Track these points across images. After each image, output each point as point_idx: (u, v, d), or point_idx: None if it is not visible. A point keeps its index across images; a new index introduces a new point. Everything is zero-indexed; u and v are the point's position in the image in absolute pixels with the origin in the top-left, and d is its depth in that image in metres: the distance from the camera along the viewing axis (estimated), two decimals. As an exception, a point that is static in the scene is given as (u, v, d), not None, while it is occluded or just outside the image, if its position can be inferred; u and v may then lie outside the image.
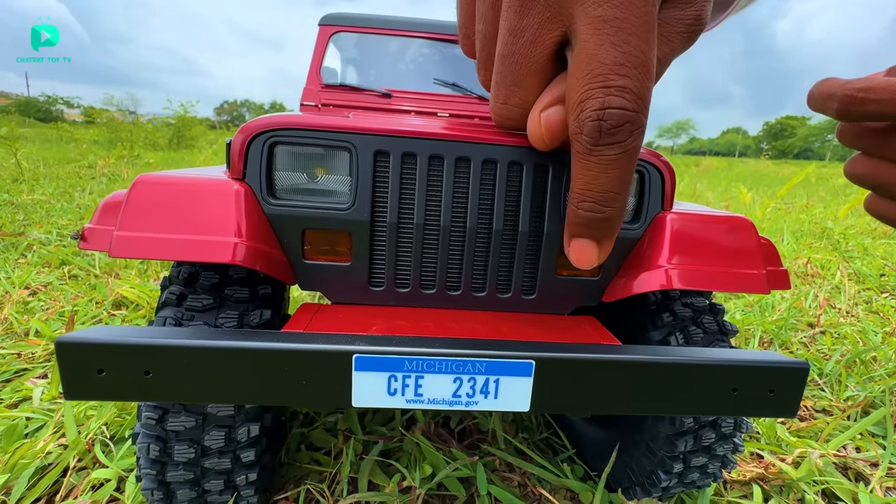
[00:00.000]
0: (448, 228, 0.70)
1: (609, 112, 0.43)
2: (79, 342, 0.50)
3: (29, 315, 1.60)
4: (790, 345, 1.75)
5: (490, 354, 0.56)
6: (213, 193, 0.65)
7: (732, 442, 0.84)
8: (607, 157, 0.46)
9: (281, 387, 0.54)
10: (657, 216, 0.73)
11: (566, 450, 1.08)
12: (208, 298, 0.71)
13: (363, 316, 0.71)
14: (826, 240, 3.64)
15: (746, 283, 0.69)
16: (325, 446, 1.02)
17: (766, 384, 0.59)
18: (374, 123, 0.68)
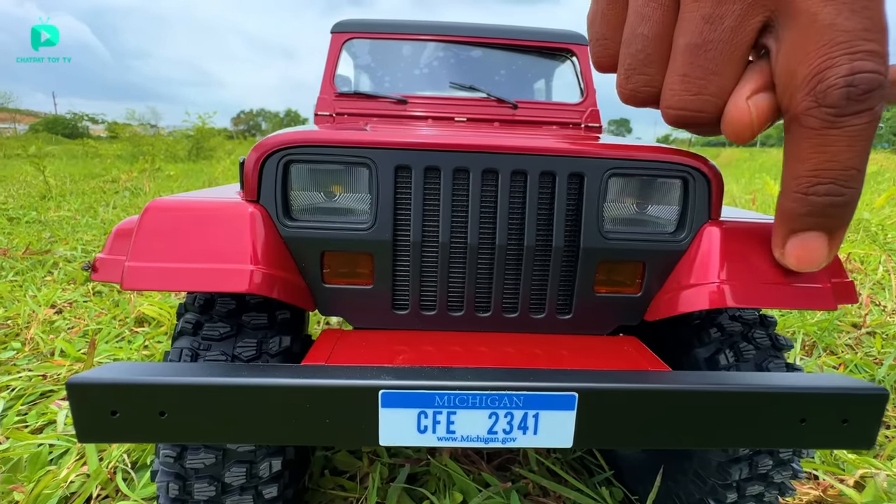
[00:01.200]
0: (476, 246, 0.65)
1: (859, 77, 0.41)
2: (91, 383, 0.47)
3: (54, 334, 1.61)
4: (835, 348, 1.65)
5: (528, 387, 0.51)
6: (226, 218, 0.61)
7: (791, 468, 0.77)
8: (855, 126, 0.43)
9: (303, 425, 0.50)
10: (704, 226, 0.67)
11: (602, 471, 1.01)
12: (225, 326, 0.68)
13: (388, 342, 0.67)
14: (863, 232, 3.46)
15: (809, 299, 0.62)
16: (349, 470, 0.99)
17: (839, 413, 0.52)
18: (393, 136, 0.64)
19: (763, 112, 0.48)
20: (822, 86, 0.42)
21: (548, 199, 0.65)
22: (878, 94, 0.42)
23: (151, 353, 1.48)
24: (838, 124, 0.43)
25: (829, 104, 0.42)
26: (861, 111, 0.42)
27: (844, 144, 0.44)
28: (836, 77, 0.41)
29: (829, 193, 0.46)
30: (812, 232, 0.49)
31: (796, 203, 0.48)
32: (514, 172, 0.64)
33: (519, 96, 1.56)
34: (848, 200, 0.47)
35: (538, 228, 0.65)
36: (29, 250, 2.58)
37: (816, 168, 0.45)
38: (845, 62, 0.41)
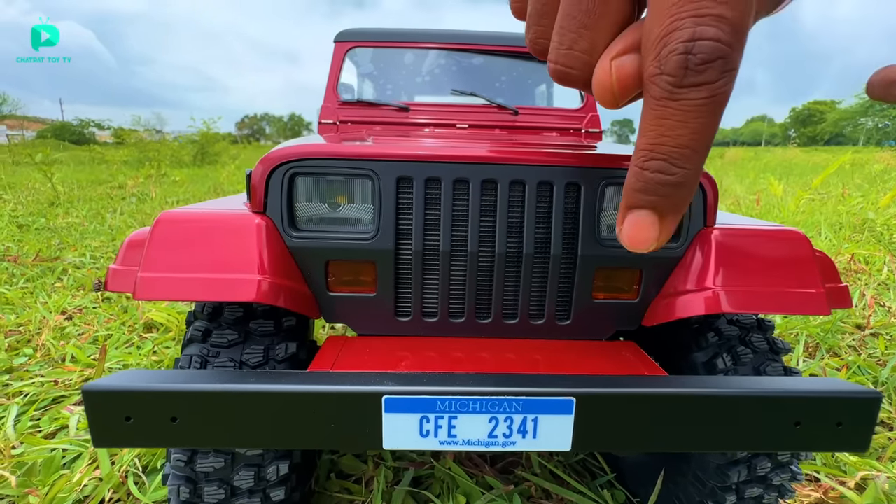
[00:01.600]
0: (476, 254, 0.67)
1: (700, 45, 0.36)
2: (105, 390, 0.49)
3: (65, 340, 1.64)
4: (839, 350, 1.65)
5: (527, 392, 0.52)
6: (234, 229, 0.64)
7: (790, 470, 0.78)
8: (691, 101, 0.39)
9: (309, 430, 0.51)
10: (700, 232, 0.68)
11: (604, 473, 1.02)
12: (233, 333, 0.70)
13: (391, 348, 0.69)
14: (868, 232, 3.45)
15: (803, 305, 0.64)
16: (355, 473, 1.00)
17: (834, 417, 0.53)
18: (394, 148, 0.66)
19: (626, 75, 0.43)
20: (666, 50, 0.38)
21: (546, 208, 0.66)
22: (719, 66, 0.37)
23: (160, 359, 1.50)
24: (675, 96, 0.39)
25: (668, 72, 0.38)
26: (699, 84, 0.38)
27: (678, 119, 0.40)
28: (678, 42, 0.37)
29: (659, 171, 0.42)
30: (643, 210, 0.44)
31: (632, 178, 0.44)
32: (513, 182, 0.65)
33: (520, 102, 1.58)
34: (679, 181, 0.43)
35: (536, 237, 0.67)
36: (39, 257, 2.62)
37: (651, 142, 0.42)
38: (689, 25, 0.36)
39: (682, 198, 0.45)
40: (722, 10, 0.36)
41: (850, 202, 4.60)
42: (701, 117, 0.40)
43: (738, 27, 0.37)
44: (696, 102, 0.39)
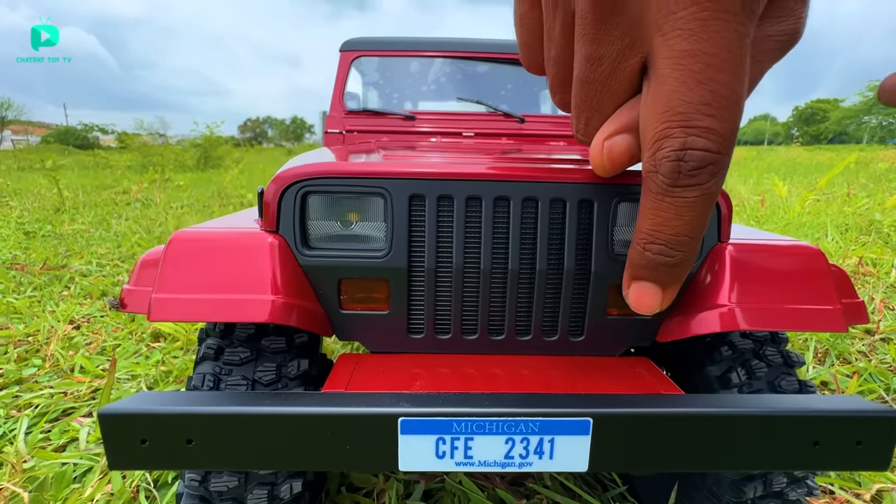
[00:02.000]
0: (489, 271, 0.66)
1: (690, 153, 0.40)
2: (121, 413, 0.50)
3: (73, 350, 1.65)
4: (849, 356, 1.63)
5: (543, 413, 0.52)
6: (247, 249, 0.64)
7: (806, 485, 0.77)
8: (684, 199, 0.43)
9: (324, 452, 0.51)
10: (714, 248, 0.68)
11: (615, 485, 1.02)
12: (245, 351, 0.70)
13: (404, 366, 0.68)
14: (875, 234, 3.42)
15: (820, 321, 0.63)
16: (365, 486, 1.00)
17: (853, 436, 0.53)
18: (407, 166, 0.65)
19: (615, 156, 0.49)
20: (659, 154, 0.42)
21: (559, 225, 0.66)
22: (709, 171, 0.41)
23: (169, 369, 1.50)
24: (670, 194, 0.43)
25: (663, 173, 0.42)
26: (691, 185, 0.42)
27: (673, 213, 0.44)
28: (670, 150, 0.41)
29: (660, 254, 0.47)
30: (647, 282, 0.51)
31: (636, 255, 0.49)
32: (526, 199, 0.65)
33: (525, 110, 1.58)
34: (678, 262, 0.48)
35: (550, 253, 0.67)
36: (46, 265, 2.64)
37: (651, 229, 0.46)
38: (680, 135, 0.40)
39: (680, 274, 0.50)
40: (709, 122, 0.39)
41: (856, 203, 4.57)
42: (693, 212, 0.44)
43: (727, 136, 0.40)
44: (688, 200, 0.43)
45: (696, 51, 0.38)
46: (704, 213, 0.45)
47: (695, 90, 0.38)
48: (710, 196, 0.43)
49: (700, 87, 0.38)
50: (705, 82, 0.38)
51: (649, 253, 0.48)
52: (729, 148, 0.41)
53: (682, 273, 0.50)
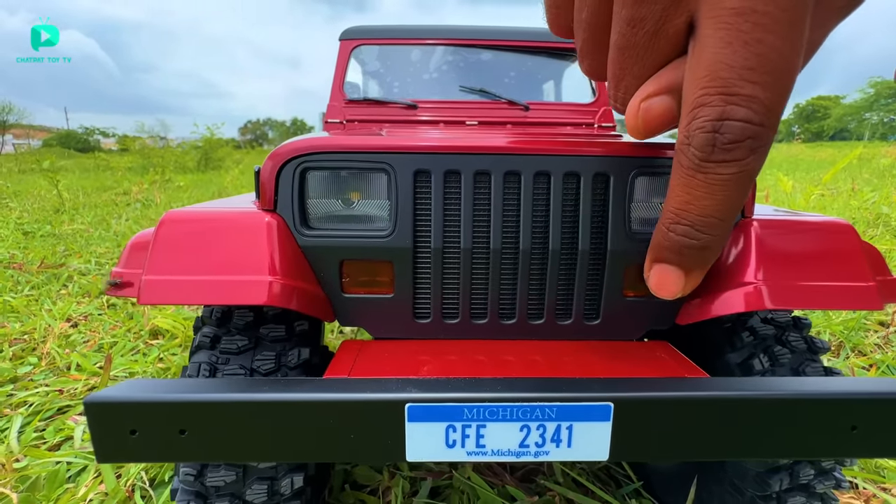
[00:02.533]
0: (499, 251, 0.63)
1: (728, 125, 0.36)
2: (108, 402, 0.46)
3: (70, 348, 1.61)
4: (864, 348, 1.59)
5: (561, 398, 0.48)
6: (243, 228, 0.60)
7: (834, 477, 0.73)
8: (718, 176, 0.38)
9: (327, 442, 0.48)
10: (737, 224, 0.64)
11: (630, 481, 0.98)
12: (243, 339, 0.67)
13: (410, 353, 0.65)
14: (883, 227, 3.38)
15: (854, 299, 0.59)
16: (370, 484, 0.96)
17: (894, 420, 0.49)
18: (411, 140, 0.62)
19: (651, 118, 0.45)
20: (694, 124, 0.37)
21: (572, 201, 0.62)
22: (748, 145, 0.37)
23: (167, 366, 1.47)
24: (702, 169, 0.39)
25: (696, 146, 0.38)
26: (726, 160, 0.37)
27: (704, 191, 0.40)
28: (705, 119, 0.37)
29: (685, 235, 0.44)
30: (670, 265, 0.47)
31: (660, 235, 0.46)
32: (538, 174, 0.61)
33: (530, 98, 1.55)
34: (704, 245, 0.44)
35: (563, 231, 0.63)
36: (44, 264, 2.61)
37: (678, 207, 0.42)
38: (718, 104, 0.36)
39: (706, 258, 0.46)
40: (753, 90, 0.34)
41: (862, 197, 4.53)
42: (726, 191, 0.39)
43: (773, 107, 0.35)
44: (722, 177, 0.38)
45: (745, 8, 0.33)
46: (739, 194, 0.40)
47: (740, 52, 0.34)
48: (748, 174, 0.39)
49: (746, 48, 0.34)
50: (752, 44, 0.34)
51: (673, 234, 0.44)
52: (774, 121, 0.36)
53: (709, 257, 0.46)
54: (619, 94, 0.47)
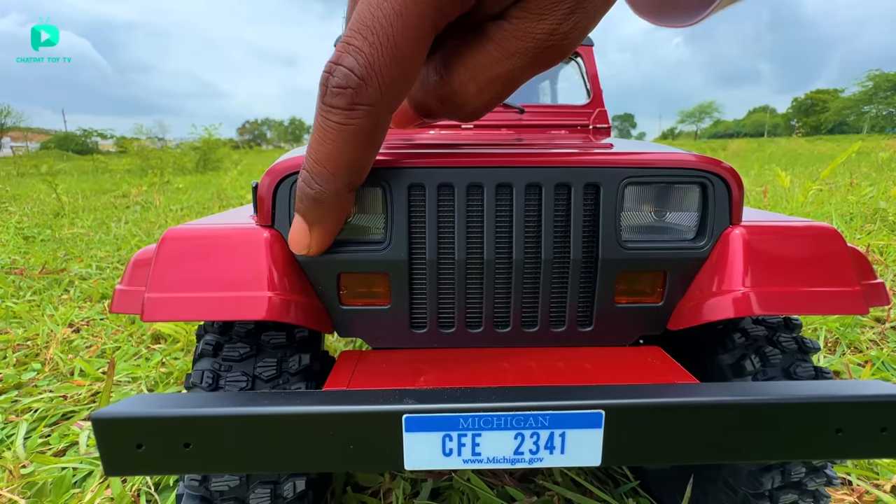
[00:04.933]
0: (492, 262, 0.64)
1: (337, 69, 0.39)
2: (115, 417, 0.47)
3: (73, 354, 1.63)
4: (859, 345, 1.61)
5: (553, 406, 0.50)
6: (242, 245, 0.61)
7: (825, 475, 0.75)
8: (327, 122, 0.41)
9: (327, 452, 0.49)
10: (725, 231, 0.65)
11: (627, 480, 1.00)
12: (245, 347, 0.68)
13: (408, 362, 0.66)
14: (881, 222, 3.39)
15: (839, 304, 0.61)
16: (371, 486, 0.98)
17: (877, 422, 0.51)
18: (406, 156, 0.63)
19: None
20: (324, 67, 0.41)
21: (563, 212, 0.64)
22: (348, 95, 0.39)
23: (169, 371, 1.49)
24: (319, 113, 0.41)
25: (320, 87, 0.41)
26: (333, 107, 0.40)
27: (318, 137, 0.42)
28: (327, 63, 0.40)
29: (303, 181, 0.46)
30: (297, 216, 0.50)
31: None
32: (529, 186, 0.63)
33: (525, 100, 1.56)
34: (317, 197, 0.46)
35: (555, 241, 0.64)
36: (45, 269, 2.62)
37: (306, 154, 0.45)
38: (339, 51, 0.39)
39: (320, 213, 0.48)
40: (361, 43, 0.38)
41: (860, 192, 4.54)
42: (336, 141, 0.42)
43: (375, 65, 0.38)
44: (331, 125, 0.41)
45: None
46: (347, 149, 0.43)
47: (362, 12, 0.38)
48: (354, 130, 0.41)
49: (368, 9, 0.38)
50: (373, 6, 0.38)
51: (300, 180, 0.47)
52: (376, 80, 0.39)
53: (324, 213, 0.48)
54: None
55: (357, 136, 0.42)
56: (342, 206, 0.50)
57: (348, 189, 0.48)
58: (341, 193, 0.47)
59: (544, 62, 0.43)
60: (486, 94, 0.44)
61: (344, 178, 0.46)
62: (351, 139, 0.42)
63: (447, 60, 0.45)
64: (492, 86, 0.44)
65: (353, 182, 0.48)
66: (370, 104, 0.40)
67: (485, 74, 0.43)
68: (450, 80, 0.44)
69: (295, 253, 0.53)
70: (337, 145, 0.42)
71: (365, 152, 0.45)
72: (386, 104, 0.41)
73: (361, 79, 0.39)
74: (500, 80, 0.43)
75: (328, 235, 0.52)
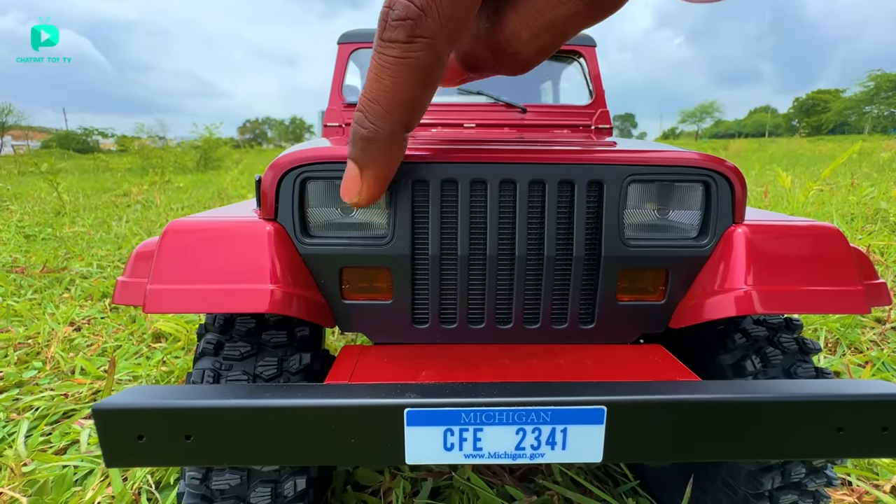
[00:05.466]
0: (495, 258, 0.64)
1: (397, 2, 0.38)
2: (117, 408, 0.47)
3: (74, 352, 1.63)
4: (860, 345, 1.61)
5: (555, 401, 0.50)
6: (245, 238, 0.61)
7: (825, 475, 0.74)
8: (385, 58, 0.40)
9: (328, 446, 0.49)
10: (728, 230, 0.65)
11: (627, 480, 1.00)
12: (245, 346, 0.68)
13: (409, 357, 0.66)
14: (882, 222, 3.39)
15: (841, 303, 0.61)
16: (371, 484, 0.98)
17: (879, 421, 0.51)
18: (409, 151, 0.63)
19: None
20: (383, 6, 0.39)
21: (567, 208, 0.64)
22: (407, 27, 0.38)
23: (170, 369, 1.49)
24: (378, 49, 0.40)
25: (378, 24, 0.40)
26: (392, 40, 0.39)
27: (375, 74, 0.41)
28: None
29: (357, 122, 0.45)
30: (350, 162, 0.48)
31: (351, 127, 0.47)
32: (532, 182, 0.63)
33: (527, 100, 1.56)
34: (369, 136, 0.45)
35: (558, 238, 0.64)
36: (46, 268, 2.62)
37: (361, 94, 0.44)
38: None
39: (374, 154, 0.47)
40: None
41: (861, 192, 4.54)
42: (392, 76, 0.41)
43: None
44: (387, 59, 0.40)
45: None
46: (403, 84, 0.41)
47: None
48: (411, 64, 0.40)
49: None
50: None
51: (353, 121, 0.46)
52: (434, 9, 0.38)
53: (376, 154, 0.47)
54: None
55: (416, 71, 0.41)
56: (396, 148, 0.48)
57: (404, 129, 0.46)
58: (396, 133, 0.46)
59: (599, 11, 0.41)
60: (540, 40, 0.42)
61: (400, 115, 0.44)
62: (410, 73, 0.41)
63: (498, 6, 0.43)
64: (546, 32, 0.42)
65: (409, 122, 0.46)
66: (430, 36, 0.39)
67: (539, 20, 0.41)
68: (501, 27, 0.43)
69: (346, 201, 0.51)
70: (394, 81, 0.41)
71: (423, 89, 0.43)
72: (447, 36, 0.40)
73: (421, 9, 0.38)
74: (555, 26, 0.41)
75: (380, 182, 0.50)
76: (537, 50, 0.44)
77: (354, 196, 0.50)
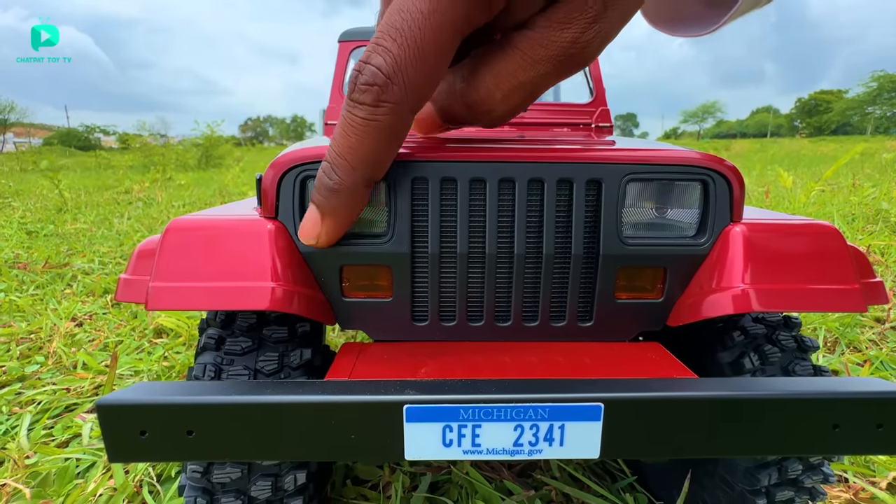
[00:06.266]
0: (494, 256, 0.64)
1: (366, 67, 0.42)
2: (120, 404, 0.48)
3: (76, 347, 1.64)
4: (859, 344, 1.61)
5: (553, 398, 0.50)
6: (246, 236, 0.62)
7: (822, 472, 0.75)
8: (353, 117, 0.44)
9: (328, 441, 0.50)
10: (725, 228, 0.66)
11: (625, 476, 1.00)
12: (247, 341, 0.69)
13: (409, 355, 0.67)
14: (883, 223, 3.39)
15: (838, 302, 0.61)
16: (371, 479, 0.99)
17: (874, 418, 0.51)
18: (409, 149, 0.64)
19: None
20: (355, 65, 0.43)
21: (565, 207, 0.64)
22: (375, 92, 0.41)
23: (172, 365, 1.49)
24: (346, 108, 0.44)
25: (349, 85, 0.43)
26: (360, 103, 0.42)
27: (342, 130, 0.44)
28: (358, 61, 0.42)
29: (323, 171, 0.48)
30: (312, 205, 0.52)
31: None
32: (531, 181, 0.63)
33: (528, 98, 1.56)
34: (334, 188, 0.48)
35: (557, 236, 0.65)
36: (48, 264, 2.63)
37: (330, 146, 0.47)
38: (368, 50, 0.42)
39: (338, 204, 0.50)
40: (389, 44, 0.40)
41: (862, 192, 4.53)
42: (358, 135, 0.44)
43: (402, 65, 0.40)
44: (355, 119, 0.43)
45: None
46: (368, 144, 0.45)
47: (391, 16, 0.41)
48: (376, 127, 0.43)
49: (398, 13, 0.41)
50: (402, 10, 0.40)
51: (320, 170, 0.49)
52: (401, 78, 0.41)
53: (339, 204, 0.50)
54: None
55: (380, 132, 0.44)
56: (358, 199, 0.51)
57: (366, 183, 0.49)
58: (358, 187, 0.49)
59: (567, 70, 0.44)
60: (511, 100, 0.46)
61: (363, 171, 0.47)
62: (374, 134, 0.44)
63: (473, 68, 0.47)
64: (516, 92, 0.45)
65: (371, 177, 0.49)
66: (395, 102, 0.42)
67: (510, 81, 0.44)
68: (476, 87, 0.46)
69: (304, 243, 0.54)
70: (360, 139, 0.44)
71: (386, 148, 0.47)
72: (410, 103, 0.43)
73: (388, 77, 0.41)
74: (525, 87, 0.45)
75: (339, 228, 0.54)
76: (510, 108, 0.48)
77: (312, 239, 0.54)
